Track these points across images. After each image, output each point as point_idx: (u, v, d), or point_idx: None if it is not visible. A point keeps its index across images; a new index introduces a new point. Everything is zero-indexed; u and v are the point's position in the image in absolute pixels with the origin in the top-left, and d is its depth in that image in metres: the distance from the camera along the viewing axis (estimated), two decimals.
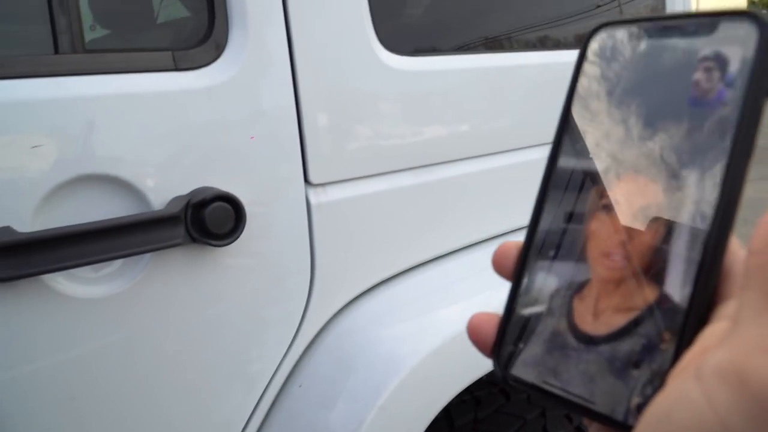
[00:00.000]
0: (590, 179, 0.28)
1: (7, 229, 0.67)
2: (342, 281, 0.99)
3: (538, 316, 0.29)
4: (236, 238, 0.80)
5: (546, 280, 0.29)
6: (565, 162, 0.29)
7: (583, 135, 0.28)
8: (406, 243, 1.06)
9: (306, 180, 0.91)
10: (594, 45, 0.29)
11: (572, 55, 0.95)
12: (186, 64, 0.78)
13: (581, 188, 0.28)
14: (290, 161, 0.89)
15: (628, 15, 1.51)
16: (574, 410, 0.26)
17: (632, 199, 0.26)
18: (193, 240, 0.77)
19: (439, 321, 1.02)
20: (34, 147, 0.69)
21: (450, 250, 1.10)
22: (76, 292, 0.75)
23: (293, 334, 0.95)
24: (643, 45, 0.27)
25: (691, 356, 0.23)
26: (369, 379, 0.96)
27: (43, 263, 0.68)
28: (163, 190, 0.78)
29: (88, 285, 0.76)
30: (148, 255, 0.77)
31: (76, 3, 0.72)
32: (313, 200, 0.92)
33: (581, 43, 0.29)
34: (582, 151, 0.28)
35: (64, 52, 0.72)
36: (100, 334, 0.78)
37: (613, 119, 0.27)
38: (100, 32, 1.18)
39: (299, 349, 0.96)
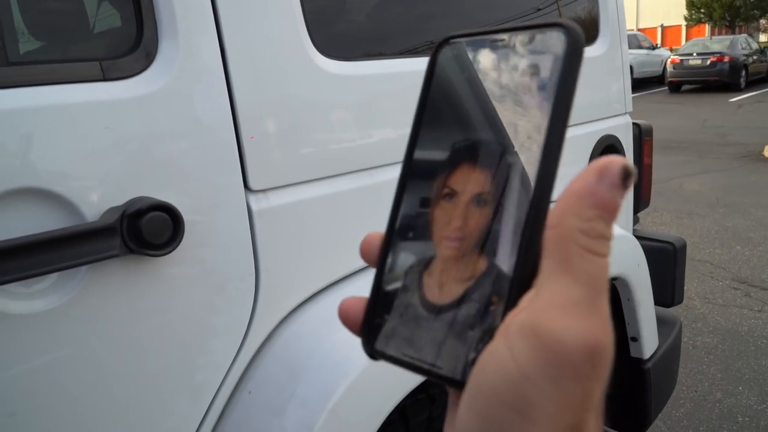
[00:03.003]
0: (437, 170, 0.32)
1: None
2: (287, 286, 1.00)
3: (397, 294, 0.32)
4: (175, 248, 0.79)
5: (403, 260, 0.32)
6: (419, 155, 0.33)
7: (432, 131, 0.32)
8: (350, 246, 1.07)
9: (246, 186, 0.91)
10: (441, 54, 0.33)
11: None
12: (115, 74, 0.77)
13: (430, 178, 0.32)
14: (229, 168, 0.89)
15: (527, 21, 1.56)
16: (428, 376, 0.29)
17: (468, 187, 0.30)
18: (130, 251, 0.76)
19: None
20: None
21: None
22: (11, 308, 0.73)
23: (240, 341, 0.94)
24: (478, 55, 0.31)
25: (508, 318, 0.27)
26: (318, 383, 0.96)
27: None
28: (97, 202, 0.77)
29: (22, 300, 0.74)
30: (84, 268, 0.76)
31: None
32: (254, 206, 0.92)
33: (431, 53, 0.33)
34: (431, 147, 0.32)
35: None
36: (38, 350, 0.76)
37: (450, 119, 0.32)
38: (35, 44, 1.16)
39: (247, 356, 0.96)
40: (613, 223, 0.26)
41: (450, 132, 0.32)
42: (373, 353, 0.32)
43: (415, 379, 1.04)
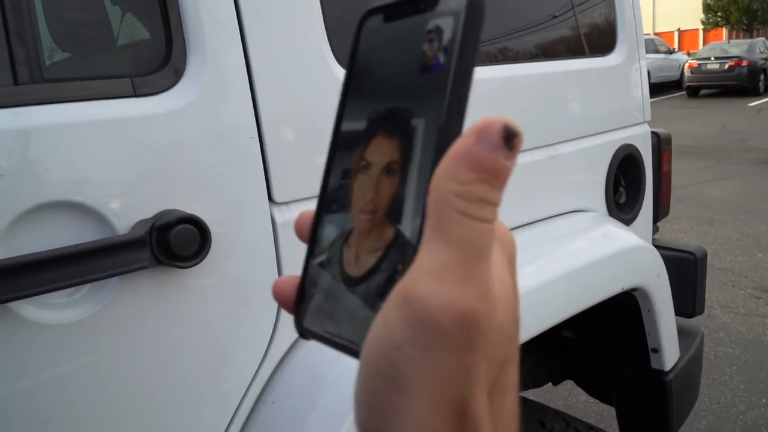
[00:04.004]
0: (356, 142, 0.32)
1: None
2: None
3: (322, 269, 0.32)
4: (202, 260, 0.81)
5: (329, 235, 0.33)
6: (344, 131, 0.33)
7: (354, 105, 0.33)
8: None
9: (270, 199, 0.93)
10: (363, 28, 0.33)
11: (528, 67, 0.99)
12: (145, 90, 0.79)
13: (351, 151, 0.32)
14: (253, 181, 0.90)
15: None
16: (347, 354, 0.30)
17: (380, 157, 0.30)
18: (159, 262, 0.78)
19: None
20: None
21: None
22: (44, 318, 0.75)
23: (264, 352, 0.96)
24: (392, 24, 0.32)
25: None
26: (340, 394, 0.97)
27: (9, 291, 0.69)
28: (127, 214, 0.78)
29: (56, 311, 0.76)
30: (114, 279, 0.78)
31: (33, 35, 0.73)
32: (278, 218, 0.94)
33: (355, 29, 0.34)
34: (352, 119, 0.32)
35: (23, 82, 0.73)
36: (69, 359, 0.78)
37: (371, 89, 0.32)
38: (61, 55, 1.19)
39: (270, 366, 0.97)
40: (500, 187, 0.25)
41: (369, 104, 0.32)
42: (303, 332, 0.32)
43: None
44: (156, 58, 0.84)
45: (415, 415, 0.24)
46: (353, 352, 0.29)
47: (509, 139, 0.25)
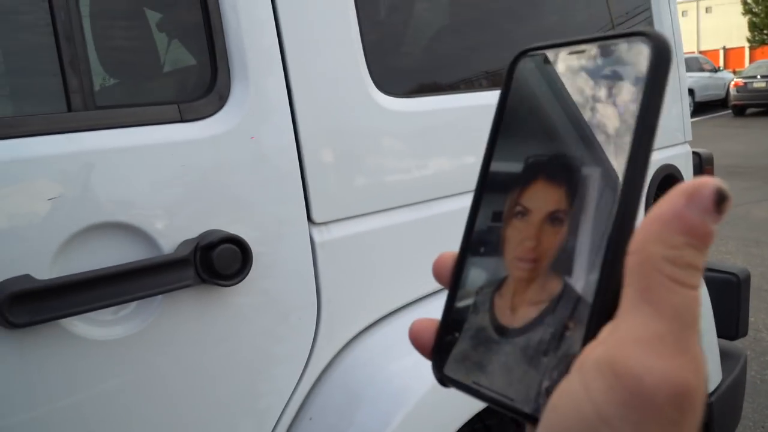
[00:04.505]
0: (509, 185, 0.31)
1: (27, 277, 0.71)
2: (348, 316, 1.03)
3: (468, 316, 0.31)
4: (243, 278, 0.83)
5: (475, 280, 0.31)
6: (494, 172, 0.32)
7: (508, 146, 0.31)
8: (409, 277, 1.09)
9: (309, 219, 0.95)
10: (518, 68, 0.32)
11: None
12: (191, 116, 0.83)
13: (504, 194, 0.31)
14: (293, 202, 0.93)
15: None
16: (498, 408, 0.28)
17: (542, 204, 0.29)
18: (203, 281, 0.81)
19: None
20: (50, 199, 0.74)
21: None
22: (93, 335, 0.78)
23: (302, 369, 0.98)
24: (557, 67, 0.30)
25: (586, 351, 0.25)
26: (377, 411, 0.98)
27: (61, 308, 0.72)
28: (172, 234, 0.82)
29: (104, 327, 0.79)
30: (160, 297, 0.81)
31: (86, 63, 0.77)
32: (317, 238, 0.96)
33: (507, 67, 0.33)
34: (506, 161, 0.31)
35: (76, 109, 0.77)
36: (116, 374, 0.81)
37: (526, 132, 0.31)
38: (110, 81, 1.25)
39: (309, 383, 0.99)
40: (706, 252, 0.24)
41: (525, 146, 0.30)
42: (443, 379, 0.31)
43: (471, 410, 1.05)
44: (201, 85, 0.87)
45: None
46: (508, 408, 0.28)
47: (720, 203, 0.23)
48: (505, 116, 0.32)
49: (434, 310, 1.00)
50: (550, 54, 0.31)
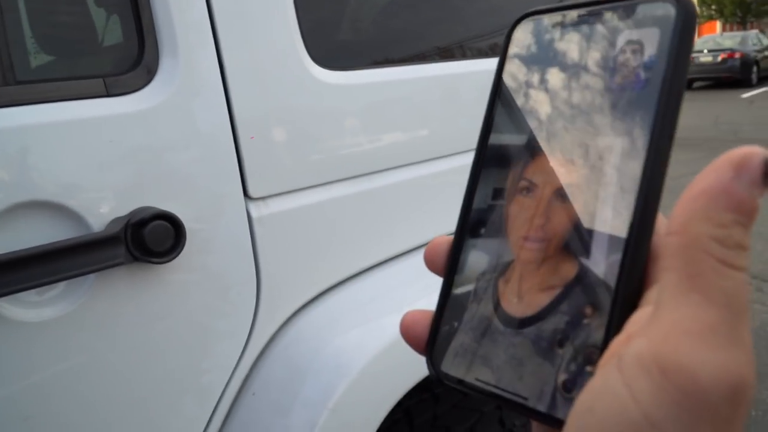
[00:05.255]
0: (511, 159, 0.28)
1: None
2: (288, 291, 1.03)
3: (467, 305, 0.28)
4: (177, 255, 0.83)
5: (475, 266, 0.28)
6: (494, 146, 0.29)
7: (509, 119, 0.29)
8: (349, 251, 1.10)
9: (246, 194, 0.95)
10: (518, 33, 0.29)
11: (489, 62, 1.01)
12: (118, 90, 0.81)
13: (504, 168, 0.28)
14: (228, 177, 0.92)
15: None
16: (508, 407, 0.26)
17: (554, 179, 0.26)
18: (135, 259, 0.80)
19: (385, 324, 1.06)
20: None
21: (391, 256, 1.14)
22: (23, 316, 0.77)
23: (243, 344, 0.98)
24: (567, 31, 0.28)
25: (616, 344, 0.23)
26: (319, 383, 0.99)
27: None
28: (102, 212, 0.80)
29: (33, 308, 0.78)
30: (91, 276, 0.80)
31: (5, 37, 0.75)
32: (254, 213, 0.96)
33: (506, 33, 0.30)
34: (508, 136, 0.29)
35: None
36: (50, 356, 0.80)
37: (538, 103, 0.28)
38: (44, 59, 1.21)
39: (251, 359, 0.99)
40: (750, 230, 0.22)
41: (528, 117, 0.28)
42: (440, 376, 0.28)
43: (414, 378, 1.07)
44: (129, 59, 0.85)
45: None
46: (519, 407, 0.25)
47: (767, 175, 0.21)
48: (503, 86, 0.29)
49: (375, 283, 1.01)
50: (556, 17, 0.28)
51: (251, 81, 0.94)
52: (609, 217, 0.24)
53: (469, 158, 1.13)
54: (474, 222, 0.29)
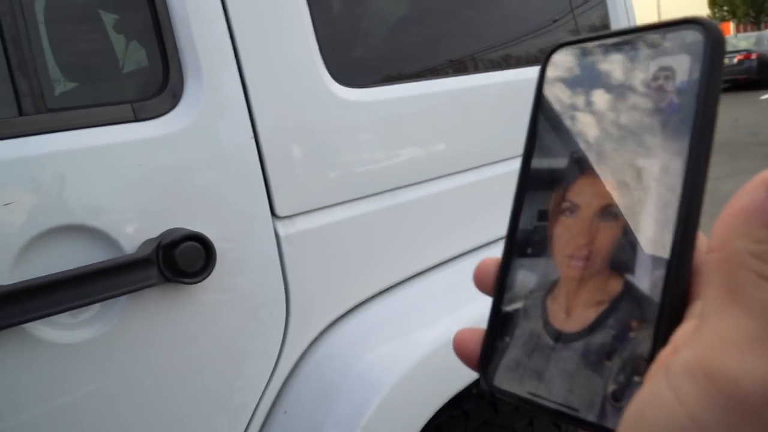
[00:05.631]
0: (554, 181, 0.30)
1: None
2: (318, 308, 1.03)
3: (517, 322, 0.29)
4: (208, 275, 0.83)
5: (523, 285, 0.30)
6: (536, 169, 0.31)
7: (550, 142, 0.30)
8: (376, 267, 1.10)
9: (273, 213, 0.95)
10: (554, 63, 0.31)
11: (515, 73, 1.01)
12: (145, 114, 0.82)
13: (546, 190, 0.30)
14: (255, 197, 0.93)
15: (582, 31, 1.59)
16: (559, 419, 0.27)
17: (592, 199, 0.28)
18: (167, 280, 0.81)
19: (415, 339, 1.06)
20: (6, 204, 0.73)
21: (419, 271, 1.14)
22: (58, 338, 0.78)
23: (274, 363, 0.98)
24: (600, 61, 0.29)
25: (663, 356, 0.24)
26: (351, 401, 0.99)
27: (24, 313, 0.72)
28: (134, 234, 0.81)
29: (68, 330, 0.79)
30: (124, 298, 0.81)
31: (35, 66, 0.76)
32: (281, 232, 0.96)
33: (542, 62, 0.32)
34: (549, 160, 0.30)
35: (27, 113, 0.76)
36: (85, 377, 0.80)
37: (576, 128, 0.30)
38: (69, 85, 1.23)
39: (281, 377, 0.99)
40: None
41: (568, 141, 0.29)
42: (493, 390, 0.29)
43: (447, 395, 1.06)
44: (155, 84, 0.87)
45: None
46: (571, 419, 0.26)
47: None
48: (542, 112, 0.31)
49: (405, 298, 1.01)
50: (589, 46, 0.30)
51: (274, 100, 0.95)
52: (651, 235, 0.26)
53: (486, 172, 1.13)
54: (521, 243, 0.30)
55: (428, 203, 1.15)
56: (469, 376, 1.09)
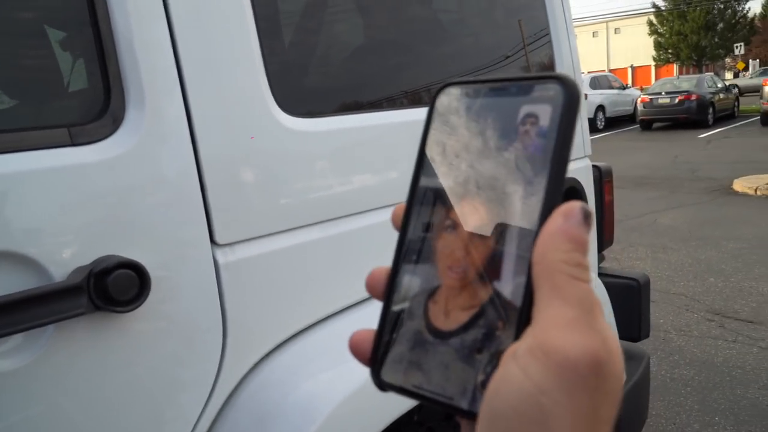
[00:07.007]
0: (437, 200, 0.34)
1: None
2: (256, 336, 1.02)
3: (403, 323, 0.33)
4: (141, 303, 0.82)
5: (408, 290, 0.34)
6: (423, 190, 0.35)
7: (435, 170, 0.35)
8: (318, 295, 1.10)
9: (212, 241, 0.95)
10: (441, 99, 0.35)
11: None
12: (83, 139, 0.81)
13: (431, 206, 0.34)
14: (195, 224, 0.92)
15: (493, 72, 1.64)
16: (437, 406, 0.31)
17: (471, 220, 0.32)
18: (97, 308, 0.79)
19: (352, 368, 1.05)
20: None
21: (360, 299, 1.14)
22: None
23: (208, 393, 0.96)
24: (478, 101, 0.34)
25: (511, 347, 0.30)
26: (286, 431, 0.97)
27: None
28: (65, 261, 0.79)
29: None
30: (51, 326, 0.78)
31: None
32: (220, 260, 0.95)
33: (431, 98, 0.36)
34: (435, 182, 0.34)
35: None
36: (7, 408, 0.77)
37: (451, 153, 0.34)
38: (9, 103, 1.19)
39: (215, 407, 0.98)
40: (586, 255, 0.30)
41: (450, 166, 0.34)
42: (382, 385, 0.33)
43: (384, 422, 1.06)
44: (96, 107, 0.86)
45: None
46: (446, 406, 0.30)
47: (587, 217, 0.30)
48: (429, 140, 0.35)
49: (343, 328, 1.01)
50: (470, 89, 0.34)
51: (218, 127, 0.95)
52: (515, 251, 0.31)
53: None
54: (408, 253, 0.35)
55: (375, 232, 1.16)
56: (407, 403, 1.09)
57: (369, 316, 1.08)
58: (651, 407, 2.55)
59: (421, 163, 0.35)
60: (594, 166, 1.84)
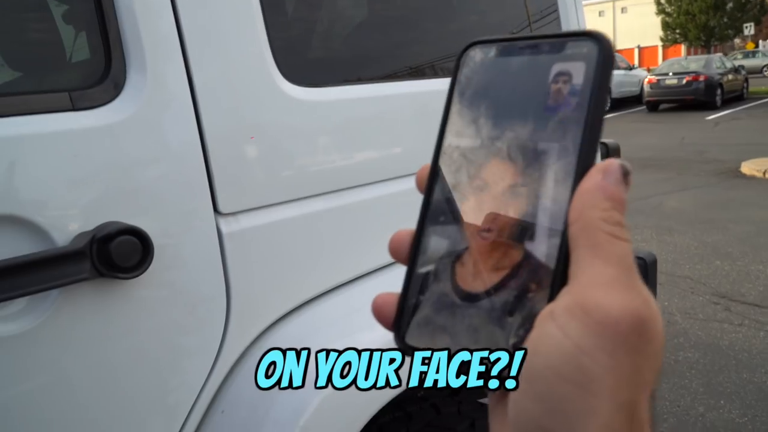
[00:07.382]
0: (466, 160, 0.33)
1: None
2: (260, 307, 1.02)
3: (429, 286, 0.32)
4: (144, 270, 0.81)
5: (434, 252, 0.33)
6: (449, 150, 0.34)
7: (462, 129, 0.34)
8: (322, 266, 1.09)
9: (216, 210, 0.94)
10: (466, 59, 0.34)
11: None
12: (84, 104, 0.80)
13: (459, 167, 0.33)
14: (198, 193, 0.91)
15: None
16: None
17: (500, 179, 0.31)
18: (100, 274, 0.79)
19: (358, 340, 1.05)
20: None
21: (365, 272, 1.14)
22: None
23: (212, 361, 0.96)
24: (507, 59, 0.33)
25: (548, 307, 0.29)
26: (290, 401, 0.98)
27: None
28: (68, 227, 0.79)
29: None
30: (55, 292, 0.78)
31: None
32: (224, 229, 0.95)
33: (458, 55, 0.35)
34: (462, 142, 0.33)
35: None
36: (10, 373, 0.77)
37: (479, 113, 0.33)
38: (12, 74, 1.19)
39: (220, 376, 0.98)
40: (624, 212, 0.29)
41: (478, 127, 0.33)
42: (406, 348, 0.32)
43: (387, 395, 1.06)
44: (97, 73, 0.85)
45: (602, 416, 0.26)
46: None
47: (626, 175, 0.29)
48: (455, 99, 0.34)
49: (350, 298, 1.00)
50: (499, 47, 0.34)
51: (221, 96, 0.94)
52: (548, 211, 0.30)
53: None
54: (434, 213, 0.33)
55: (379, 204, 1.16)
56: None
57: (375, 288, 1.08)
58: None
59: (446, 122, 0.34)
60: (602, 143, 1.82)
